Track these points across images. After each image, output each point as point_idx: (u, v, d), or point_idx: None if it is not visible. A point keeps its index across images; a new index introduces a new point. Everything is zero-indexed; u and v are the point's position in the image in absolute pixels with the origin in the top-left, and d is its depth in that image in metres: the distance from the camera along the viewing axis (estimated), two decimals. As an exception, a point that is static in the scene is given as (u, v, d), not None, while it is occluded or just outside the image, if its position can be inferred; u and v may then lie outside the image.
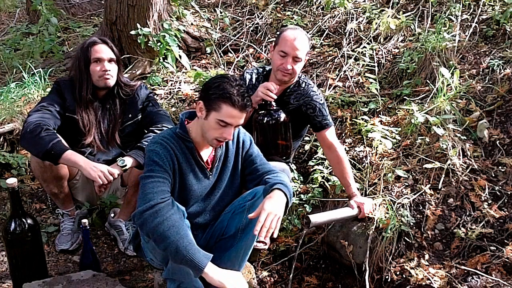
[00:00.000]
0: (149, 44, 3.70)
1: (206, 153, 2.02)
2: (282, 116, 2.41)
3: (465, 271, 2.19)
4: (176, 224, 1.75)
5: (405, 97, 3.17)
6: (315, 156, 2.96)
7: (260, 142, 2.36)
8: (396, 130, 2.89)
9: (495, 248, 2.24)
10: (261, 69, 2.66)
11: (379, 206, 2.45)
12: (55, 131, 2.31)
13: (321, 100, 2.54)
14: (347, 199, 2.49)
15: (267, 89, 2.37)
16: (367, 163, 2.77)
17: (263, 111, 2.41)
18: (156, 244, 1.76)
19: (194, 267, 1.73)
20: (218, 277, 1.74)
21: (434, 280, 2.17)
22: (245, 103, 1.84)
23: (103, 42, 2.50)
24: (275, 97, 2.39)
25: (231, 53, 4.12)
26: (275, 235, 1.83)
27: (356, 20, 3.92)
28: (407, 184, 2.58)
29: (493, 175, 2.52)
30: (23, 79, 3.68)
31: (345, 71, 3.53)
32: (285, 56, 2.41)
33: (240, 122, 1.89)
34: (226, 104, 1.82)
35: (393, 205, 2.44)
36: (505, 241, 2.26)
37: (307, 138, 3.10)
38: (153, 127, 2.50)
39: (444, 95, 2.87)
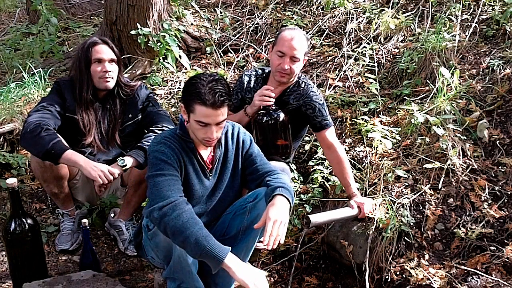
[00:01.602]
0: (149, 44, 3.71)
1: (205, 154, 2.02)
2: (282, 115, 2.41)
3: (465, 271, 2.19)
4: (193, 216, 1.75)
5: (405, 97, 3.17)
6: (315, 156, 2.96)
7: (260, 142, 2.37)
8: (396, 130, 2.89)
9: (495, 248, 2.24)
10: (260, 71, 2.66)
11: (379, 206, 2.45)
12: (55, 131, 2.31)
13: (320, 100, 2.54)
14: (347, 199, 2.49)
15: (262, 95, 2.38)
16: (367, 163, 2.77)
17: (262, 111, 2.41)
18: (174, 237, 1.73)
19: (213, 258, 1.69)
20: (241, 274, 1.70)
21: (434, 280, 2.17)
22: (217, 99, 1.78)
23: (104, 42, 2.50)
24: (274, 100, 2.40)
25: (231, 53, 4.12)
26: (281, 241, 1.82)
27: (356, 20, 3.92)
28: (407, 184, 2.58)
29: (493, 175, 2.52)
30: (23, 79, 3.67)
31: (345, 71, 3.53)
32: (282, 56, 2.41)
33: (219, 119, 1.84)
34: (198, 104, 1.80)
35: (393, 205, 2.44)
36: (505, 241, 2.26)
37: (307, 138, 3.10)
38: (153, 127, 2.50)
39: (444, 95, 2.87)
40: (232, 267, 1.70)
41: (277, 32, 2.54)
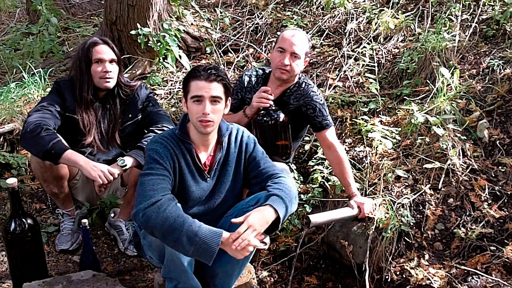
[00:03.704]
0: (149, 44, 3.71)
1: (204, 156, 2.01)
2: (281, 116, 2.41)
3: (465, 271, 2.19)
4: (180, 214, 1.74)
5: (405, 97, 3.17)
6: (315, 156, 2.96)
7: (259, 142, 2.36)
8: (396, 130, 2.89)
9: (495, 248, 2.24)
10: (260, 71, 2.66)
11: (379, 206, 2.45)
12: (55, 131, 2.31)
13: (321, 100, 2.54)
14: (347, 199, 2.49)
15: (260, 97, 2.38)
16: (367, 163, 2.77)
17: (262, 111, 2.41)
18: (164, 238, 1.73)
19: (208, 248, 1.70)
20: (231, 253, 1.77)
21: (434, 280, 2.17)
22: (209, 73, 1.88)
23: (104, 42, 2.50)
24: (272, 102, 2.40)
25: (231, 53, 4.12)
26: (250, 249, 1.77)
27: (356, 20, 3.92)
28: (407, 184, 2.58)
29: (493, 175, 2.52)
30: (23, 79, 3.67)
31: (345, 71, 3.53)
32: (283, 52, 2.43)
33: (212, 93, 1.88)
34: (192, 81, 1.90)
35: (393, 205, 2.44)
36: (505, 241, 2.26)
37: (307, 138, 3.10)
38: (153, 127, 2.50)
39: (444, 95, 2.87)
40: (225, 248, 1.75)
41: (279, 33, 2.55)
